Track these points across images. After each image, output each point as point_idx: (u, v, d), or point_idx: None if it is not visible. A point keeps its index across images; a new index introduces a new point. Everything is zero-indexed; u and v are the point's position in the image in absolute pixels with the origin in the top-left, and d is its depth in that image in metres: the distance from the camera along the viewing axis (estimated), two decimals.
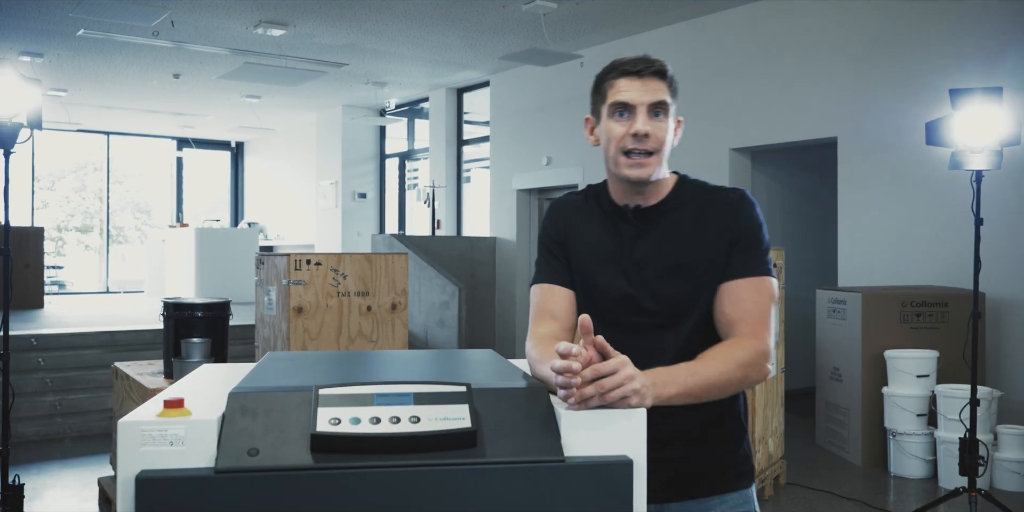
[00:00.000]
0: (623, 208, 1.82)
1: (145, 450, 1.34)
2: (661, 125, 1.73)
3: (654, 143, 1.72)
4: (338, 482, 1.33)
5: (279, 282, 6.15)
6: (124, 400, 4.73)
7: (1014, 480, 5.23)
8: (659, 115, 1.73)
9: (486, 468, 1.37)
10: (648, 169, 1.73)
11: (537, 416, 1.47)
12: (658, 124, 1.73)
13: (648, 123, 1.72)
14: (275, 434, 1.38)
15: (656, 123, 1.73)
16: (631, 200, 1.81)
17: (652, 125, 1.72)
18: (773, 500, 5.07)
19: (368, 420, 1.38)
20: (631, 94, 1.71)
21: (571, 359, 1.40)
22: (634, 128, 1.71)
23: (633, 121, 1.72)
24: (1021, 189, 5.97)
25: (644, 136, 1.71)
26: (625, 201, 1.82)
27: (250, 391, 1.45)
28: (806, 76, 7.38)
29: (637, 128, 1.71)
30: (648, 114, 1.72)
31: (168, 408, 1.40)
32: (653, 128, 1.72)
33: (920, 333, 5.84)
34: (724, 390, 1.61)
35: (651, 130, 1.71)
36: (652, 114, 1.73)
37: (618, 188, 1.82)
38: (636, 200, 1.81)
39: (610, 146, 1.76)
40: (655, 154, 1.73)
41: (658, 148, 1.73)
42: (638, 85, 1.71)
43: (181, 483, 1.31)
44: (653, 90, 1.72)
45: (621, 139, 1.73)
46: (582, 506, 1.41)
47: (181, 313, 4.45)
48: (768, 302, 1.74)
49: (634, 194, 1.80)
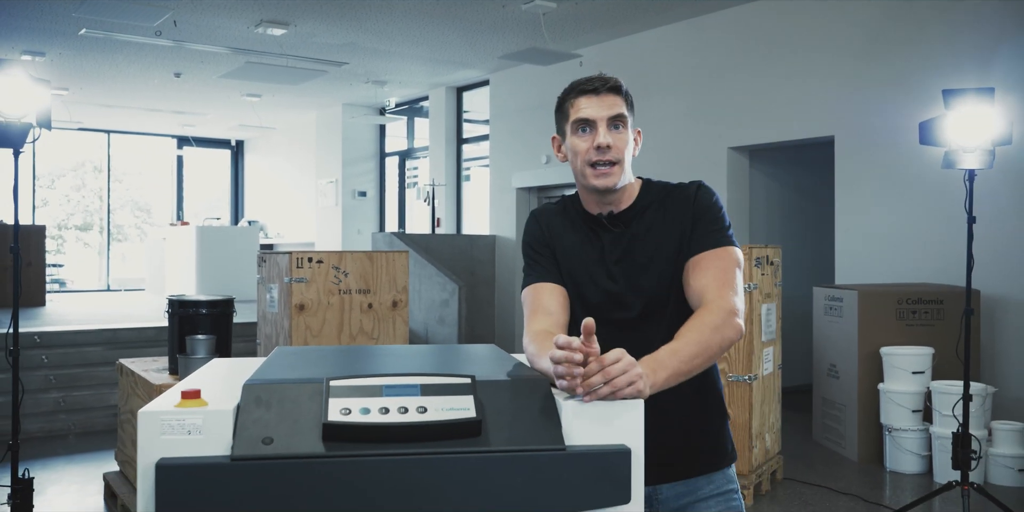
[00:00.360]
0: (598, 216, 1.95)
1: (164, 439, 1.41)
2: (621, 136, 1.87)
3: (615, 153, 1.86)
4: (349, 469, 1.39)
5: (281, 280, 6.21)
6: (130, 396, 4.79)
7: (1008, 475, 5.29)
8: (618, 127, 1.87)
9: (490, 456, 1.43)
10: (613, 178, 1.87)
11: (539, 407, 1.53)
12: (618, 135, 1.87)
13: (608, 135, 1.86)
14: (288, 423, 1.44)
15: (616, 135, 1.87)
16: (603, 209, 1.94)
17: (613, 137, 1.86)
18: (770, 494, 5.13)
19: (377, 410, 1.44)
20: (590, 110, 1.86)
21: (571, 351, 1.46)
22: (596, 141, 1.85)
23: (595, 135, 1.86)
24: (1014, 188, 6.04)
25: (607, 148, 1.85)
26: (598, 210, 1.95)
27: (263, 383, 1.51)
28: (804, 75, 7.44)
29: (599, 141, 1.84)
30: (608, 127, 1.87)
31: (185, 399, 1.46)
32: (614, 140, 1.86)
33: (915, 330, 5.90)
34: (708, 357, 1.69)
35: (612, 141, 1.85)
36: (612, 127, 1.87)
37: (589, 199, 1.96)
38: (607, 208, 1.94)
39: (577, 160, 1.90)
40: (617, 164, 1.86)
41: (620, 158, 1.87)
42: (596, 102, 1.86)
43: (199, 470, 1.37)
44: (610, 105, 1.86)
45: (586, 152, 1.87)
46: (582, 493, 1.47)
47: (186, 310, 4.50)
48: (731, 267, 1.83)
49: (604, 203, 1.93)
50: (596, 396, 1.50)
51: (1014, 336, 6.08)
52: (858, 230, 7.07)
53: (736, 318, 1.73)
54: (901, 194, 6.74)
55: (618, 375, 1.49)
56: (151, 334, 8.14)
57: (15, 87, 3.22)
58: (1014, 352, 6.09)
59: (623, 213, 1.93)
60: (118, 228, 18.31)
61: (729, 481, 1.96)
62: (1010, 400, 6.02)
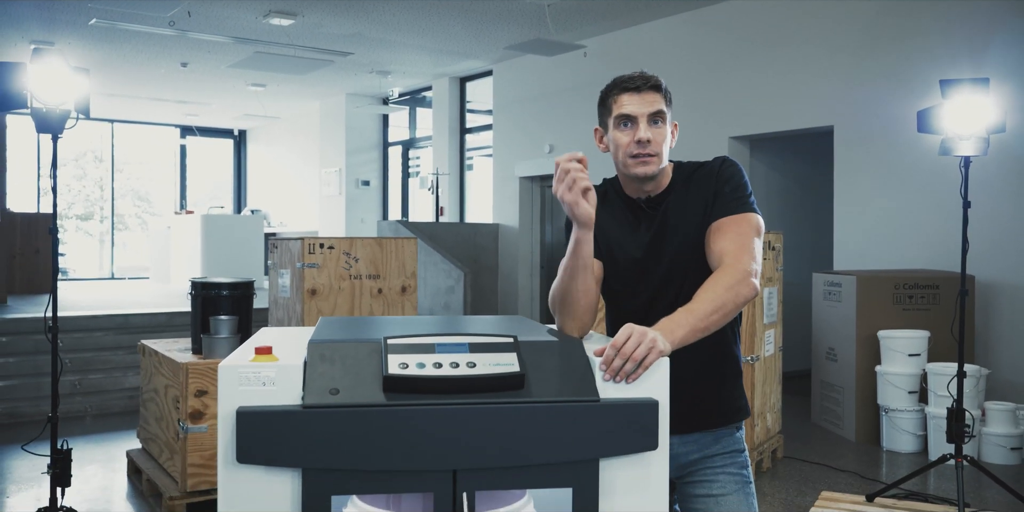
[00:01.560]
0: (636, 201, 2.12)
1: (242, 389, 1.57)
2: (660, 131, 2.03)
3: (655, 147, 2.02)
4: (407, 417, 1.55)
5: (293, 265, 6.35)
6: (153, 375, 4.95)
7: (1000, 453, 5.48)
8: (658, 123, 2.03)
9: (532, 406, 1.60)
10: (652, 166, 2.03)
11: (575, 363, 1.69)
12: (657, 130, 2.03)
13: (648, 130, 2.01)
14: (351, 377, 1.60)
15: (655, 130, 2.03)
16: (641, 194, 2.11)
17: (652, 132, 2.02)
18: (771, 472, 5.31)
19: (432, 365, 1.60)
20: (632, 107, 2.02)
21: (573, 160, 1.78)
22: (638, 136, 2.01)
23: (636, 130, 2.02)
24: (1008, 176, 6.21)
25: (647, 142, 2.01)
26: (637, 195, 2.12)
27: (326, 342, 1.67)
28: (804, 66, 7.59)
29: (640, 136, 2.01)
30: (648, 123, 2.02)
31: (259, 354, 1.62)
32: (653, 134, 2.02)
33: (912, 314, 6.07)
34: (724, 314, 1.83)
35: (652, 136, 2.01)
36: (651, 122, 2.03)
37: (629, 184, 2.13)
38: (646, 193, 2.11)
39: (619, 152, 2.06)
40: (656, 155, 2.03)
41: (659, 151, 2.03)
42: (638, 99, 2.02)
43: (274, 416, 1.53)
44: (651, 102, 2.02)
45: (627, 145, 2.03)
46: (615, 440, 1.64)
47: (208, 292, 4.65)
48: (749, 232, 1.97)
49: (643, 189, 2.10)
50: (626, 375, 1.66)
51: (1008, 320, 6.26)
52: (857, 217, 7.24)
53: (751, 278, 1.88)
54: (899, 183, 6.90)
55: (634, 350, 1.65)
56: (162, 319, 8.29)
57: (55, 75, 3.36)
58: (1007, 336, 6.27)
59: (658, 196, 2.09)
60: (119, 217, 18.43)
61: (736, 442, 2.11)
62: (1003, 382, 6.20)
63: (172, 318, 8.31)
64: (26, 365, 7.21)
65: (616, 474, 1.66)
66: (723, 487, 2.04)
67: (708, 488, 2.05)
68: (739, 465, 2.08)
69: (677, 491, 2.13)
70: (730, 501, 2.03)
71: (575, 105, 9.87)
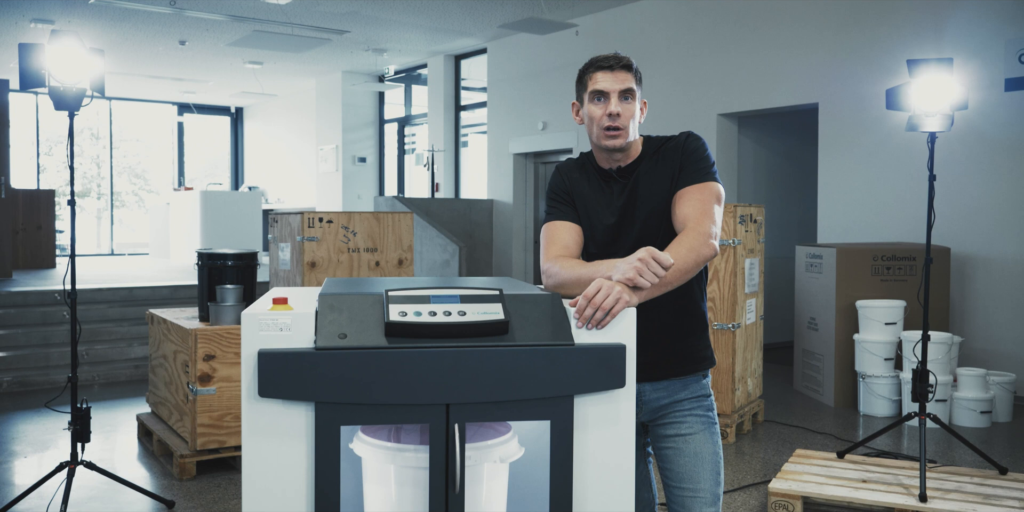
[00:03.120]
0: (608, 171, 2.35)
1: (262, 334, 1.80)
2: (629, 107, 2.26)
3: (623, 120, 2.24)
4: (406, 358, 1.79)
5: (293, 239, 6.57)
6: (162, 342, 5.18)
7: (971, 416, 5.74)
8: (628, 99, 2.26)
9: (515, 349, 1.83)
10: (620, 139, 2.26)
11: (552, 313, 1.92)
12: (627, 106, 2.25)
13: (619, 105, 2.24)
14: (357, 323, 1.83)
15: (625, 105, 2.25)
16: (612, 164, 2.34)
17: (622, 107, 2.25)
18: (751, 434, 5.57)
19: (427, 313, 1.83)
20: (605, 84, 2.24)
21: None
22: (609, 109, 2.24)
23: (607, 104, 2.24)
24: (973, 152, 6.48)
25: (616, 115, 2.24)
26: (608, 165, 2.35)
27: (334, 294, 1.90)
28: (789, 46, 7.79)
29: (611, 109, 2.24)
30: (619, 98, 2.25)
31: (276, 304, 1.85)
32: (623, 109, 2.24)
33: (889, 285, 6.32)
34: (686, 272, 2.06)
35: (621, 110, 2.24)
36: (622, 99, 2.25)
37: (601, 155, 2.36)
38: (616, 163, 2.33)
39: (592, 125, 2.29)
40: (624, 129, 2.26)
41: (627, 124, 2.26)
42: (611, 77, 2.24)
43: (291, 357, 1.77)
44: (622, 80, 2.24)
45: (600, 118, 2.26)
46: (587, 379, 1.87)
47: (214, 262, 4.87)
48: (710, 199, 2.20)
49: (613, 159, 2.33)
50: (596, 323, 1.89)
51: (981, 291, 6.51)
52: (840, 192, 7.47)
53: (711, 240, 2.11)
54: (880, 159, 7.13)
55: (603, 300, 1.89)
56: (165, 293, 8.51)
57: (72, 56, 3.57)
58: (980, 306, 6.53)
59: (628, 166, 2.32)
60: (115, 195, 18.60)
61: (703, 388, 2.35)
62: (975, 350, 6.47)
63: (175, 291, 8.53)
64: (34, 335, 7.44)
65: (589, 409, 1.90)
66: (691, 427, 2.28)
67: (677, 429, 2.29)
68: (705, 408, 2.31)
69: (649, 433, 2.37)
70: (697, 439, 2.26)
71: (568, 83, 10.05)
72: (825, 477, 4.16)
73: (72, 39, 3.52)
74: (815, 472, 4.24)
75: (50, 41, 3.53)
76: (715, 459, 2.26)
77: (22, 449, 5.22)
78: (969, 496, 3.89)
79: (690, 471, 2.23)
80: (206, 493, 4.37)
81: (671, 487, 2.27)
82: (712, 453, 2.25)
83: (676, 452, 2.26)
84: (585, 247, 2.35)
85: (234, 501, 4.25)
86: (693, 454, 2.24)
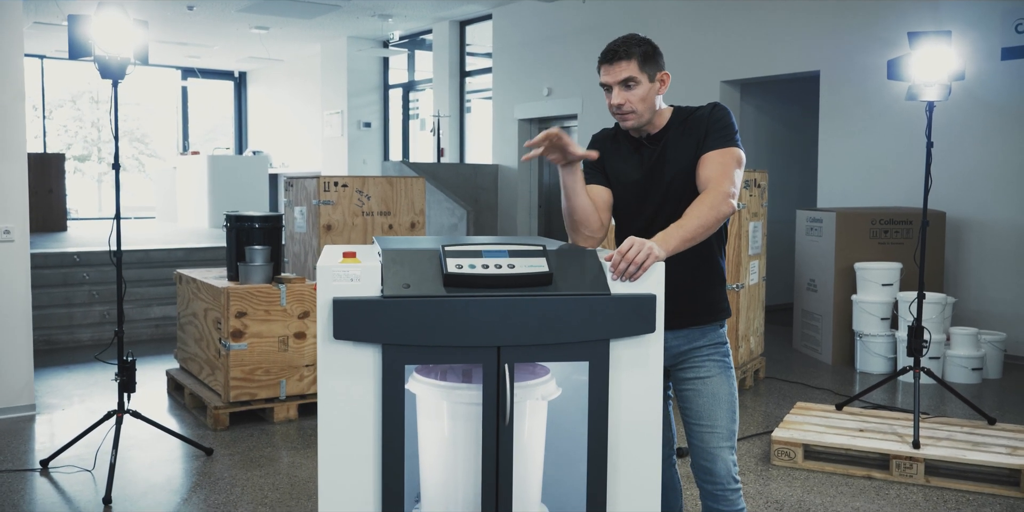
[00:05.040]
0: (639, 139, 2.57)
1: (335, 284, 2.02)
2: (633, 93, 2.44)
3: (628, 106, 2.45)
4: (462, 306, 2.01)
5: (309, 202, 6.77)
6: (191, 300, 5.41)
7: (963, 373, 6.01)
8: (629, 86, 2.45)
9: (558, 298, 2.06)
10: (632, 122, 2.48)
11: (590, 266, 2.15)
12: (629, 93, 2.44)
13: (620, 95, 2.45)
14: (419, 275, 2.06)
15: (627, 93, 2.44)
16: (642, 133, 2.56)
17: (623, 95, 2.44)
18: (753, 389, 5.84)
19: (480, 266, 2.06)
20: (606, 77, 2.47)
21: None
22: (611, 102, 2.48)
23: (611, 96, 2.48)
24: (970, 120, 6.71)
25: (619, 105, 2.46)
26: (639, 135, 2.57)
27: (395, 250, 2.13)
28: (791, 14, 7.95)
29: (611, 102, 2.47)
30: (620, 88, 2.45)
31: (346, 258, 2.07)
32: (625, 97, 2.45)
33: (887, 247, 6.56)
34: (708, 228, 2.29)
35: (622, 100, 2.45)
36: (624, 87, 2.45)
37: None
38: (645, 132, 2.56)
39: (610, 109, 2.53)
40: (633, 112, 2.47)
41: (633, 108, 2.46)
42: (609, 70, 2.46)
43: (362, 304, 1.99)
44: (619, 72, 2.44)
45: (611, 107, 2.50)
46: (622, 325, 2.11)
47: (242, 224, 5.09)
48: (731, 162, 2.41)
49: (640, 130, 2.56)
50: (629, 276, 2.12)
51: (975, 254, 6.76)
52: (839, 158, 7.69)
53: (729, 199, 2.33)
54: (879, 125, 7.34)
55: (635, 255, 2.11)
56: (180, 255, 8.73)
57: (116, 26, 3.76)
58: (973, 268, 6.78)
59: (657, 134, 2.53)
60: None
61: (720, 336, 2.58)
62: (968, 310, 6.73)
63: (190, 253, 8.75)
64: (56, 296, 7.66)
65: (622, 352, 2.13)
66: (708, 371, 2.52)
67: (696, 372, 2.52)
68: (722, 354, 2.55)
69: (671, 377, 2.61)
70: (714, 381, 2.50)
71: (573, 49, 10.21)
72: (824, 427, 4.42)
73: (117, 10, 3.70)
74: (815, 422, 4.50)
75: (96, 12, 3.72)
76: (731, 399, 2.50)
77: (59, 402, 5.47)
78: (959, 443, 4.16)
79: (708, 410, 2.48)
80: (240, 442, 4.63)
81: (691, 424, 2.51)
82: (728, 394, 2.50)
83: (695, 393, 2.50)
84: (616, 207, 2.57)
85: (268, 449, 4.51)
86: (711, 395, 2.48)
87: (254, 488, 3.97)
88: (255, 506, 3.76)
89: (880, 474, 4.08)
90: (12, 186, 5.09)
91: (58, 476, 4.12)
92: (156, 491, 3.95)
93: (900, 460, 4.03)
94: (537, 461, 2.24)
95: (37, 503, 3.82)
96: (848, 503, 3.80)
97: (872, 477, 4.09)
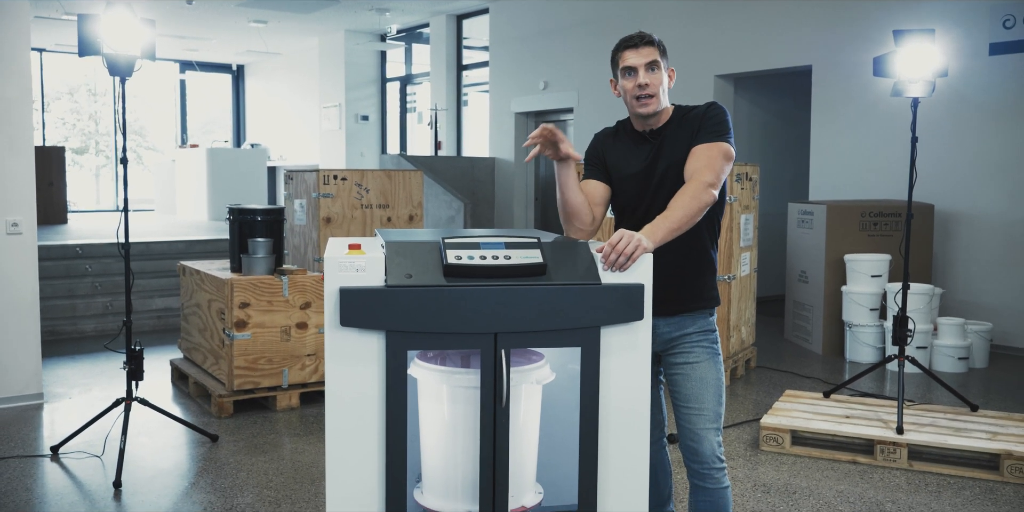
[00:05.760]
0: (642, 133, 2.69)
1: (341, 274, 2.14)
2: (656, 76, 2.60)
3: (652, 89, 2.58)
4: (462, 294, 2.14)
5: (309, 195, 6.89)
6: (195, 292, 5.53)
7: (950, 362, 6.15)
8: (654, 70, 2.59)
9: (552, 287, 2.18)
10: (652, 106, 2.60)
11: (582, 257, 2.28)
12: (653, 75, 2.59)
13: (646, 76, 2.59)
14: (420, 265, 2.18)
15: (651, 75, 2.59)
16: (646, 127, 2.69)
17: (649, 77, 2.59)
18: (744, 378, 5.97)
19: (479, 257, 2.18)
20: (633, 60, 2.59)
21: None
22: (638, 81, 2.59)
23: (636, 77, 2.59)
24: (954, 116, 6.83)
25: (645, 85, 2.58)
26: (642, 128, 2.70)
27: (398, 241, 2.25)
28: (785, 10, 8.07)
29: (639, 81, 2.58)
30: (646, 70, 2.59)
31: (352, 249, 2.20)
32: (651, 79, 2.59)
33: (876, 239, 6.69)
34: (692, 216, 2.40)
35: (649, 81, 2.58)
36: (649, 70, 2.59)
37: (637, 121, 2.71)
38: (649, 126, 2.68)
39: (626, 96, 2.65)
40: (654, 96, 2.60)
41: (655, 92, 2.60)
42: (636, 53, 2.59)
43: (366, 292, 2.12)
44: (647, 54, 2.59)
45: (632, 90, 2.61)
46: (612, 312, 2.23)
47: (245, 217, 5.20)
48: (717, 155, 2.52)
49: (646, 124, 2.68)
50: (619, 266, 2.24)
51: (963, 246, 6.90)
52: (831, 152, 7.81)
53: (711, 189, 2.45)
54: (869, 120, 7.46)
55: (624, 246, 2.24)
56: (181, 247, 8.84)
57: (124, 25, 3.87)
58: (961, 260, 6.92)
59: (658, 130, 2.66)
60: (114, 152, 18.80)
61: (709, 324, 2.71)
62: (955, 301, 6.87)
63: (190, 245, 8.86)
64: (60, 288, 7.77)
65: (612, 338, 2.26)
66: (697, 356, 2.64)
67: (685, 358, 2.65)
68: (711, 340, 2.67)
69: (661, 363, 2.73)
70: (702, 366, 2.63)
71: (570, 43, 10.32)
72: (812, 413, 4.56)
73: (125, 9, 3.81)
74: (803, 409, 4.64)
75: (105, 11, 3.83)
76: (717, 384, 2.63)
77: (65, 391, 5.60)
78: (942, 429, 4.30)
79: (696, 393, 2.61)
80: (244, 429, 4.76)
81: (679, 407, 2.64)
82: (715, 378, 2.62)
83: (684, 377, 2.63)
84: (615, 200, 2.71)
85: (271, 436, 4.64)
86: (699, 379, 2.61)
87: (258, 473, 4.10)
88: (260, 490, 3.89)
89: (865, 459, 4.22)
90: (20, 180, 5.21)
91: (68, 461, 4.25)
92: (164, 476, 4.08)
93: (884, 445, 4.17)
94: (532, 442, 2.36)
95: (49, 487, 3.95)
96: (833, 486, 3.94)
97: (857, 462, 4.23)
